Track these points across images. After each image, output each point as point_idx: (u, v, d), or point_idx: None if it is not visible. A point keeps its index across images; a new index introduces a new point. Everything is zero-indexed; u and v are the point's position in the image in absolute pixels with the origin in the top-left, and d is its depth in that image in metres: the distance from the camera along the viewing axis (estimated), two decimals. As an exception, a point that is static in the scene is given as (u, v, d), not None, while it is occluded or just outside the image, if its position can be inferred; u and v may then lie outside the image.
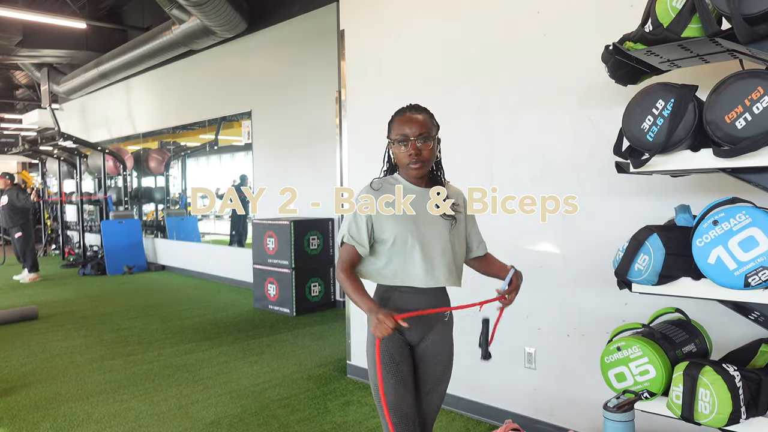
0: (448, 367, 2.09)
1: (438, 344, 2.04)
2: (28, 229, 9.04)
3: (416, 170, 1.95)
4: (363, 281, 1.98)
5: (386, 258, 1.96)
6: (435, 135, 1.98)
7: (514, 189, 3.09)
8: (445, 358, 2.07)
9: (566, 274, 2.94)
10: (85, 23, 9.75)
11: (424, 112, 1.99)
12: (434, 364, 2.04)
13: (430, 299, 1.98)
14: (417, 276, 1.94)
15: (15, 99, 17.97)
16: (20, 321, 6.08)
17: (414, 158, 1.92)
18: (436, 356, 2.04)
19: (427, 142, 1.93)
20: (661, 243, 1.85)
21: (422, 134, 1.92)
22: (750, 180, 1.80)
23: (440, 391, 2.09)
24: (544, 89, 2.96)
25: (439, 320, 2.04)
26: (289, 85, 7.29)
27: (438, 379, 2.07)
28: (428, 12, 3.48)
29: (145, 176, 11.24)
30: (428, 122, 1.96)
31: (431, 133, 1.95)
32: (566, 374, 2.96)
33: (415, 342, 2.03)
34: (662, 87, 1.82)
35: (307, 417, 3.46)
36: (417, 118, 1.94)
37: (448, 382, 2.12)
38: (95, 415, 3.54)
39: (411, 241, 1.93)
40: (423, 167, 1.95)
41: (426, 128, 1.94)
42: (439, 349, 2.04)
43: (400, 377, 1.95)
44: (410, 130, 1.92)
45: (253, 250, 6.80)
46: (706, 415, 1.79)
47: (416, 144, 1.91)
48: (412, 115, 1.95)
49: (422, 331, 2.02)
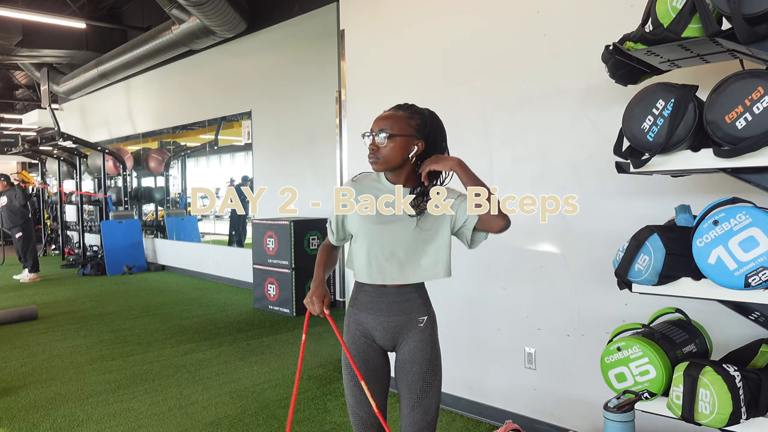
0: (429, 376, 1.92)
1: (414, 352, 1.92)
2: (28, 229, 9.05)
3: (371, 165, 1.88)
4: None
5: (354, 253, 1.96)
6: (408, 135, 1.84)
7: (514, 189, 3.09)
8: (423, 368, 1.91)
9: (566, 274, 2.93)
10: (84, 23, 9.75)
11: (402, 110, 1.89)
12: (412, 374, 1.91)
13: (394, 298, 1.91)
14: (362, 272, 1.91)
15: (15, 99, 17.97)
16: (20, 321, 6.08)
17: (370, 153, 1.87)
18: (414, 365, 1.91)
19: (389, 140, 1.83)
20: (662, 243, 1.84)
21: (383, 130, 1.83)
22: (750, 180, 1.80)
23: (426, 405, 1.91)
24: (544, 89, 2.96)
25: (413, 326, 1.92)
26: (289, 85, 7.29)
27: (420, 392, 1.91)
28: (428, 12, 3.48)
29: (144, 176, 11.24)
30: (399, 120, 1.85)
31: (399, 131, 1.83)
32: (566, 374, 2.96)
33: (388, 347, 1.97)
34: (662, 87, 1.82)
35: (307, 417, 3.46)
36: (387, 115, 1.88)
37: (436, 396, 1.94)
38: (95, 416, 3.54)
39: (365, 238, 1.90)
40: (377, 164, 1.86)
41: (390, 125, 1.84)
42: (416, 357, 1.91)
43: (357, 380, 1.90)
44: (375, 126, 1.87)
45: (253, 250, 6.80)
46: (706, 415, 1.79)
47: (375, 139, 1.85)
48: (386, 112, 1.90)
49: (393, 336, 1.93)
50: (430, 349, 1.94)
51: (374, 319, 1.92)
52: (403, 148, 1.85)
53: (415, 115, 1.89)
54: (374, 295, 1.92)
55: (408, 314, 1.92)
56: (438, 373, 1.95)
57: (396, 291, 1.91)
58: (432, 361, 1.93)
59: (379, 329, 1.93)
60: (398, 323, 1.92)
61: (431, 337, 1.95)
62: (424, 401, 1.91)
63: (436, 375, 1.94)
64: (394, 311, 1.91)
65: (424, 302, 1.96)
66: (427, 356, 1.93)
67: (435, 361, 1.94)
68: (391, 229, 1.88)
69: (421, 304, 1.95)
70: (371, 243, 1.89)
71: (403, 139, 1.84)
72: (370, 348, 1.95)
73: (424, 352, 1.92)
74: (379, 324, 1.92)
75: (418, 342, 1.92)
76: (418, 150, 1.88)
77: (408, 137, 1.85)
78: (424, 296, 1.98)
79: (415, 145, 1.87)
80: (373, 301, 1.92)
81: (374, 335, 1.94)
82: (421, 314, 1.94)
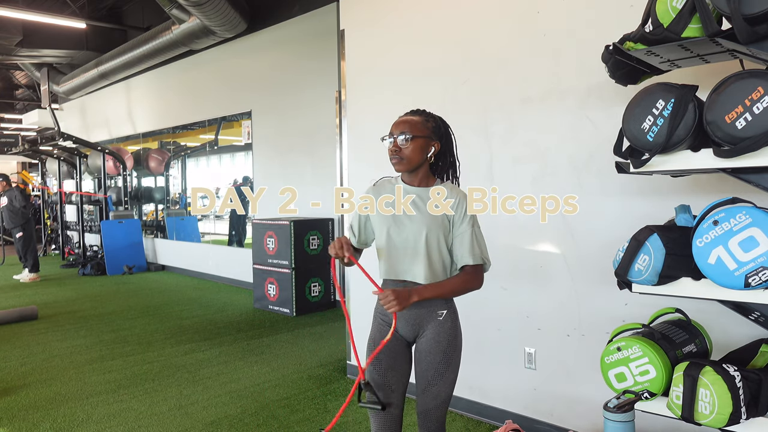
0: (442, 367, 2.04)
1: (431, 343, 2.04)
2: (29, 229, 9.05)
3: (395, 165, 2.06)
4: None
5: (377, 251, 2.12)
6: (426, 136, 2.04)
7: (514, 189, 3.09)
8: (437, 358, 2.03)
9: (566, 274, 2.93)
10: (85, 23, 9.75)
11: (418, 115, 2.09)
12: (426, 362, 2.04)
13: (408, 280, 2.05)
14: (382, 268, 2.09)
15: (15, 99, 17.97)
16: (20, 321, 6.08)
17: (392, 153, 2.04)
18: (429, 355, 2.04)
19: (410, 142, 2.01)
20: (662, 243, 1.84)
21: (404, 132, 2.01)
22: (750, 180, 1.80)
23: (435, 391, 2.04)
24: (544, 89, 2.96)
25: (432, 319, 2.04)
26: (289, 84, 7.29)
27: (431, 379, 2.04)
28: (428, 12, 3.48)
29: (145, 176, 11.24)
30: (417, 123, 2.04)
31: (418, 133, 2.02)
32: (566, 374, 2.96)
33: (410, 339, 2.11)
34: (662, 87, 1.82)
35: (307, 417, 3.46)
36: (405, 119, 2.06)
37: (448, 385, 2.06)
38: (95, 415, 3.54)
39: (383, 236, 2.07)
40: (400, 163, 2.04)
41: (409, 128, 2.02)
42: (431, 347, 2.04)
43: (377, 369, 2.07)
44: (395, 129, 2.05)
45: (253, 250, 6.80)
46: (706, 415, 1.79)
47: (397, 141, 2.02)
48: (403, 117, 2.09)
49: (414, 328, 2.07)
50: (447, 342, 2.04)
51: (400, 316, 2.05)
52: (423, 148, 2.04)
53: (430, 119, 2.10)
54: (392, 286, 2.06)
55: (428, 307, 2.03)
56: (452, 365, 2.05)
57: (414, 285, 2.01)
58: (447, 353, 2.04)
59: (401, 321, 2.06)
60: (418, 315, 2.04)
61: (450, 330, 2.05)
62: (433, 387, 2.04)
63: (450, 366, 2.05)
64: (414, 304, 1.99)
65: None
66: (443, 348, 2.04)
67: (450, 353, 2.05)
68: (405, 227, 2.04)
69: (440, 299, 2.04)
70: (389, 241, 2.06)
71: (422, 140, 2.04)
72: (394, 338, 2.08)
73: (440, 343, 2.04)
74: (401, 316, 2.05)
75: (435, 334, 2.04)
76: (436, 150, 2.08)
77: (427, 138, 2.05)
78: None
79: (432, 146, 2.07)
80: None
81: (398, 326, 2.06)
82: (441, 308, 2.05)
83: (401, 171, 2.08)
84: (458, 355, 2.08)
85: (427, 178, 2.11)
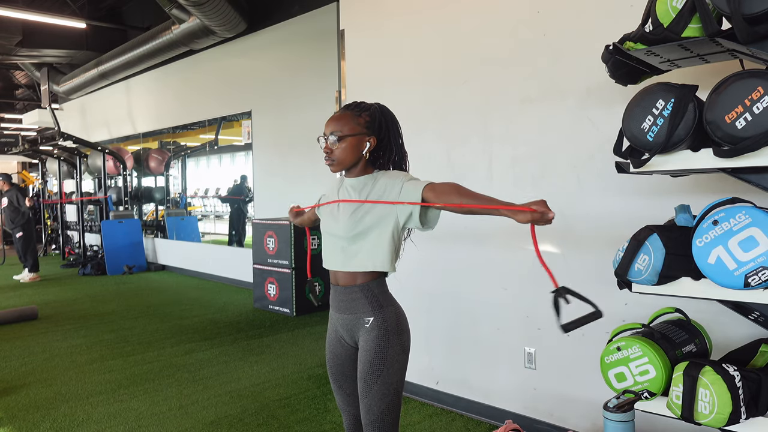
0: (371, 378, 1.86)
1: (360, 352, 1.93)
2: (29, 229, 9.05)
3: (329, 167, 1.94)
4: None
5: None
6: (358, 134, 1.88)
7: (514, 189, 3.09)
8: (364, 368, 1.88)
9: (566, 274, 2.93)
10: (85, 23, 9.75)
11: (350, 110, 1.93)
12: (358, 371, 1.93)
13: (342, 297, 1.95)
14: (323, 259, 2.04)
15: (15, 99, 17.96)
16: (20, 321, 6.08)
17: (325, 156, 1.92)
18: (360, 364, 1.92)
19: (340, 142, 1.87)
20: (661, 243, 1.84)
21: (333, 132, 1.88)
22: (750, 180, 1.81)
23: (366, 404, 1.87)
24: (544, 89, 2.96)
25: (360, 326, 1.92)
26: (289, 84, 7.29)
27: (362, 392, 1.89)
28: (428, 12, 3.48)
29: (145, 176, 11.24)
30: (347, 121, 1.89)
31: (348, 132, 1.87)
32: (566, 374, 2.96)
33: (352, 344, 2.00)
34: (662, 87, 1.82)
35: (307, 417, 3.46)
36: (334, 117, 1.93)
37: (378, 399, 1.86)
38: (95, 415, 3.54)
39: (323, 227, 2.04)
40: (333, 165, 1.92)
41: (340, 126, 1.88)
42: (360, 356, 1.92)
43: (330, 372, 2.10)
44: (326, 129, 1.92)
45: (253, 250, 6.80)
46: (706, 415, 1.79)
47: (327, 142, 1.90)
48: (334, 115, 1.95)
49: (349, 334, 1.97)
50: (373, 352, 1.87)
51: (335, 315, 2.02)
52: (355, 147, 1.90)
53: (362, 112, 1.93)
54: (333, 293, 2.01)
55: (354, 313, 1.93)
56: (381, 378, 1.86)
57: (344, 289, 1.95)
58: (373, 364, 1.86)
59: (339, 325, 2.01)
60: (349, 321, 1.96)
61: (378, 339, 1.88)
62: (364, 400, 1.89)
63: (379, 379, 1.86)
64: (343, 309, 1.96)
65: (371, 303, 1.91)
66: (369, 358, 1.88)
67: (378, 365, 1.86)
68: (336, 219, 1.95)
69: (367, 305, 1.91)
70: (324, 232, 2.02)
71: (354, 139, 1.89)
72: (339, 343, 2.04)
73: (368, 353, 1.89)
74: (338, 320, 2.01)
75: (363, 342, 1.92)
76: (371, 146, 1.93)
77: (358, 136, 1.90)
78: (371, 297, 1.91)
79: (367, 142, 1.92)
80: (333, 298, 2.02)
81: (340, 331, 2.02)
82: (367, 315, 1.90)
83: (335, 172, 1.96)
84: (389, 368, 1.86)
85: (365, 172, 1.96)
